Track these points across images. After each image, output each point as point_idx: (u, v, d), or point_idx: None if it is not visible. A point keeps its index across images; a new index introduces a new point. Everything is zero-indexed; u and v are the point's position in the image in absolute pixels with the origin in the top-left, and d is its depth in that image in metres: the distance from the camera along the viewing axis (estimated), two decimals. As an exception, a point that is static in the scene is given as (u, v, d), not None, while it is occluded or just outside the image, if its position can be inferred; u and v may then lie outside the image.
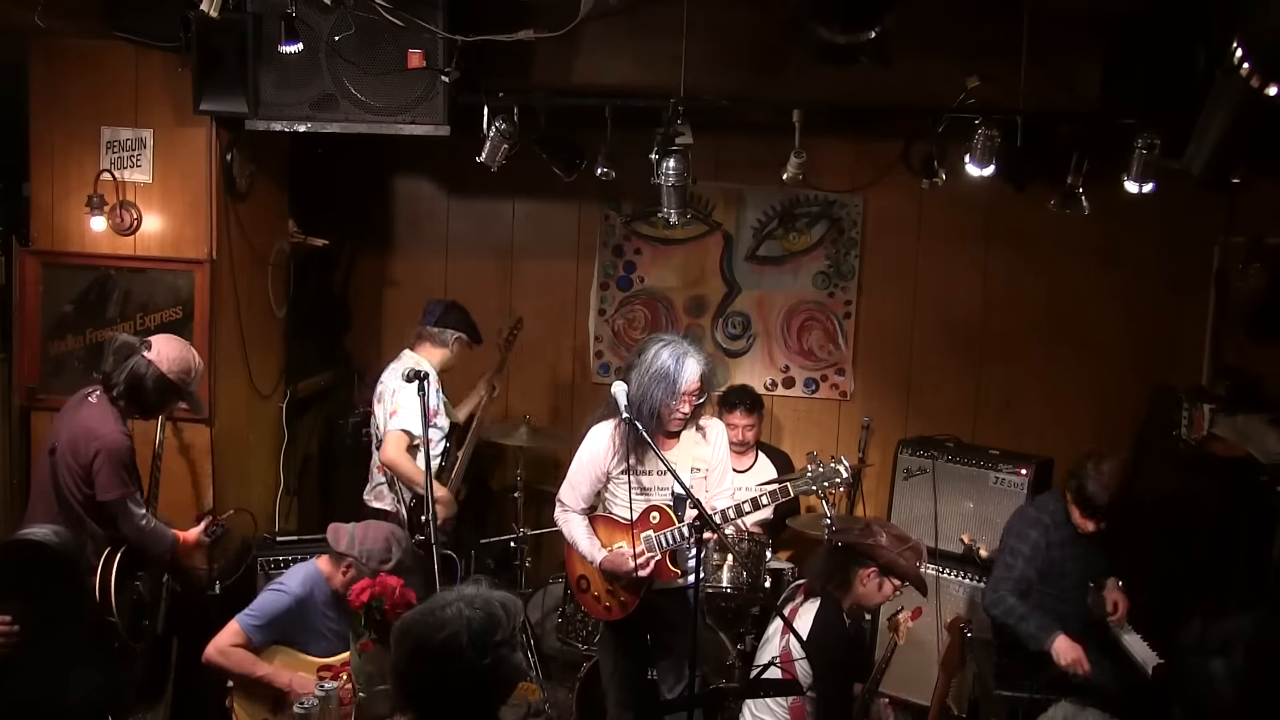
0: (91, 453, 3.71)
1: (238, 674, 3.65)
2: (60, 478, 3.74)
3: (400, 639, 2.30)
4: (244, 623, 3.67)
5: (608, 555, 3.80)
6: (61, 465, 3.74)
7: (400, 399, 4.45)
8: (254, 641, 3.67)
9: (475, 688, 2.27)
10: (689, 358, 3.65)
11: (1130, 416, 5.33)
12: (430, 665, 2.25)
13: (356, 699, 3.49)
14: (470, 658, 2.22)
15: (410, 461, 4.40)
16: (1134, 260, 5.34)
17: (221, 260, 4.43)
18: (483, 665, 2.23)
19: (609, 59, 4.57)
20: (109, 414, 3.79)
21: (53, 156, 4.37)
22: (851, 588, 3.72)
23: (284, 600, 3.71)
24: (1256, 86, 2.74)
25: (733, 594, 4.43)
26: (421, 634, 2.26)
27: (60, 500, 3.75)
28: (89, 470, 3.72)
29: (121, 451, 3.75)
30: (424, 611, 2.32)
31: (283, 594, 3.73)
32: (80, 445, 3.73)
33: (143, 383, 3.79)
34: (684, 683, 3.82)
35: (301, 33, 3.81)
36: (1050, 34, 4.24)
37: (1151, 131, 3.95)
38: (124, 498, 3.77)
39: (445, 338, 4.68)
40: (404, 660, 2.28)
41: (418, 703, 2.29)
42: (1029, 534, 4.13)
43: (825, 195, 5.53)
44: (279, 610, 3.70)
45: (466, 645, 2.22)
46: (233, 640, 3.64)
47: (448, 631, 2.23)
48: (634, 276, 5.74)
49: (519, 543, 5.04)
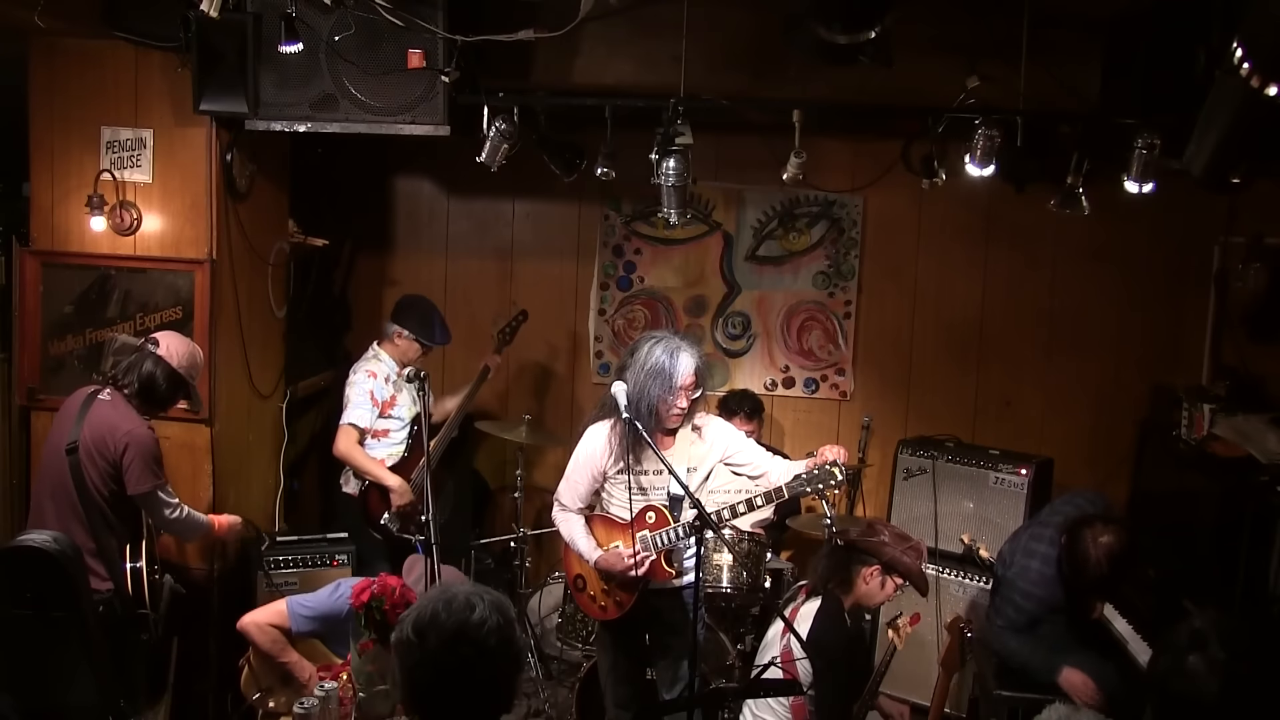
0: (120, 448, 3.73)
1: (265, 651, 3.67)
2: (86, 476, 3.73)
3: (425, 631, 2.11)
4: (294, 607, 3.70)
5: (603, 554, 3.80)
6: (87, 463, 3.73)
7: (351, 393, 4.70)
8: (294, 629, 3.70)
9: (514, 665, 2.16)
10: (682, 352, 3.65)
11: (1130, 416, 5.34)
12: (474, 645, 2.08)
13: (356, 699, 3.49)
14: (507, 634, 2.12)
15: (360, 453, 4.65)
16: (1134, 260, 5.35)
17: (221, 260, 4.42)
18: (519, 639, 2.16)
19: (609, 59, 4.56)
20: (129, 409, 3.82)
21: (53, 156, 4.36)
22: (854, 586, 3.72)
23: (342, 607, 3.68)
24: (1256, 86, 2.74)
25: (732, 594, 4.43)
26: (457, 619, 2.10)
27: (84, 498, 3.74)
28: (118, 466, 3.74)
29: (150, 444, 3.79)
30: (439, 603, 2.14)
31: (343, 601, 3.69)
32: (108, 441, 3.73)
33: (155, 379, 3.84)
34: (683, 683, 3.83)
35: (301, 33, 3.82)
36: (1050, 34, 4.23)
37: (1151, 131, 3.95)
38: (155, 489, 3.80)
39: (391, 333, 4.81)
40: (440, 650, 2.09)
41: (444, 696, 2.12)
42: (1034, 594, 3.97)
43: (825, 195, 5.53)
44: (333, 613, 3.70)
45: (502, 623, 2.12)
46: (273, 620, 3.68)
47: (478, 612, 2.11)
48: (634, 276, 5.74)
49: (519, 543, 5.05)
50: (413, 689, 2.14)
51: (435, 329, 4.83)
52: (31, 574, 3.33)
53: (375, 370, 4.74)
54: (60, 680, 3.35)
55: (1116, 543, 3.76)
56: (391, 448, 4.77)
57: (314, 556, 4.54)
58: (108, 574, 3.76)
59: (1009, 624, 4.03)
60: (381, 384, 4.72)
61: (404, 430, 4.78)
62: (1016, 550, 4.14)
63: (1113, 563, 3.75)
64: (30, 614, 3.31)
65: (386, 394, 4.74)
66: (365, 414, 4.65)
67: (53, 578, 3.36)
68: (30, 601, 3.32)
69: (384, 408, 4.74)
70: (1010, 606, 4.02)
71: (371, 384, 4.69)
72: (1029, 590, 3.98)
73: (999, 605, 4.09)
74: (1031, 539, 4.11)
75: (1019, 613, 3.99)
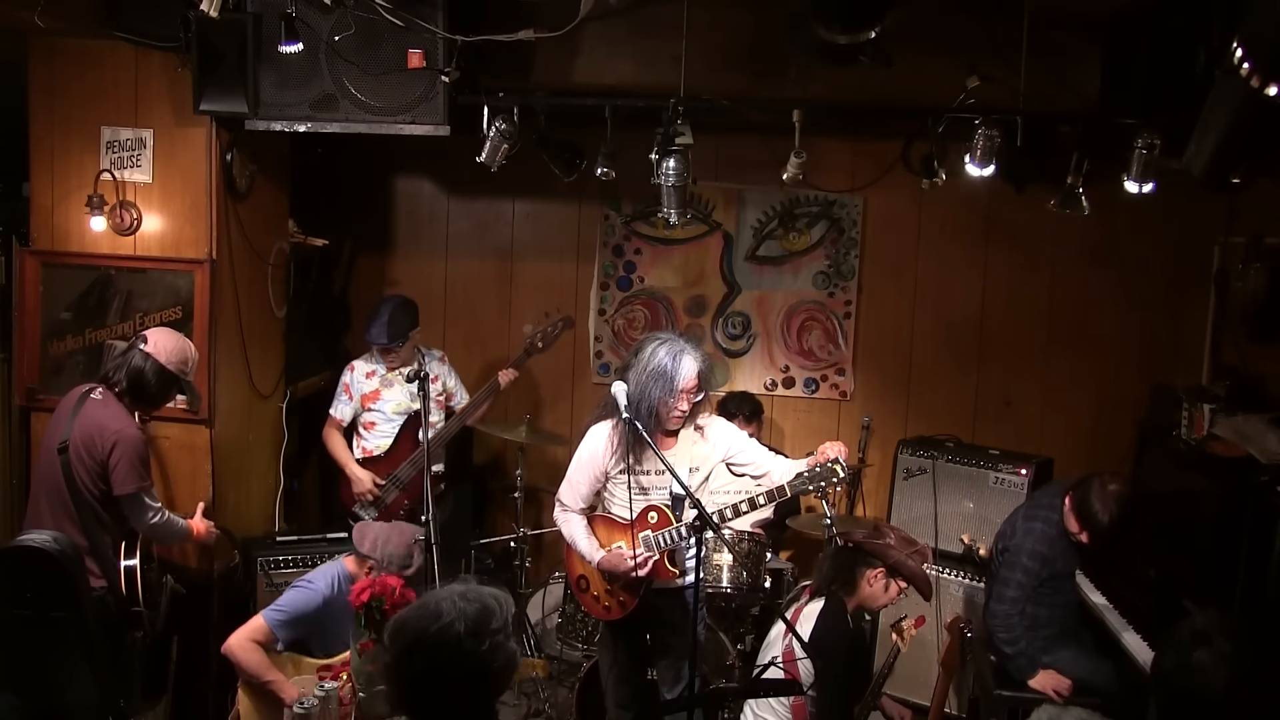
0: (108, 447, 3.72)
1: (249, 673, 3.64)
2: (76, 475, 3.74)
3: (395, 636, 2.28)
4: (270, 618, 3.66)
5: (605, 555, 3.80)
6: (76, 462, 3.74)
7: (337, 386, 4.98)
8: (278, 638, 3.66)
9: (473, 679, 2.25)
10: (686, 355, 3.65)
11: (1130, 416, 5.34)
12: (427, 657, 2.22)
13: (356, 699, 3.49)
14: (468, 646, 2.21)
15: (333, 441, 4.94)
16: (1134, 260, 5.35)
17: (221, 260, 4.43)
18: (480, 653, 2.21)
19: (609, 59, 4.57)
20: (120, 409, 3.82)
21: (53, 156, 4.36)
22: (858, 588, 3.72)
23: (312, 598, 3.70)
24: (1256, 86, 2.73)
25: (733, 594, 4.43)
26: (417, 627, 2.24)
27: (76, 498, 3.74)
28: (105, 465, 3.74)
29: (138, 444, 3.78)
30: (417, 607, 2.31)
31: (311, 592, 3.72)
32: (96, 441, 3.73)
33: (143, 375, 3.83)
34: (684, 683, 3.83)
35: (301, 33, 3.82)
36: (1050, 34, 4.23)
37: (1151, 131, 3.95)
38: (139, 491, 3.79)
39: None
40: (400, 656, 2.25)
41: (414, 702, 2.26)
42: (1040, 551, 4.08)
43: (825, 195, 5.53)
44: (307, 608, 3.69)
45: (463, 634, 2.21)
46: (255, 635, 3.62)
47: (443, 622, 2.22)
48: (634, 276, 5.74)
49: (519, 543, 5.05)
50: (392, 689, 2.30)
51: (371, 327, 4.87)
52: (31, 574, 3.33)
53: (356, 365, 4.94)
54: (60, 680, 3.35)
55: (1124, 489, 3.96)
56: (379, 440, 4.91)
57: (314, 556, 4.54)
58: (101, 572, 3.75)
59: (1018, 592, 4.05)
60: (360, 377, 4.92)
61: (390, 424, 4.90)
62: (1011, 533, 4.20)
63: (1122, 507, 3.92)
64: (30, 614, 3.31)
65: (367, 387, 4.92)
66: (341, 405, 4.93)
67: (52, 578, 3.36)
68: (30, 601, 3.32)
69: (365, 400, 4.90)
70: (1019, 571, 4.07)
71: (348, 376, 4.93)
72: (1035, 549, 4.07)
73: (1004, 579, 4.11)
74: (1026, 518, 4.20)
75: (1026, 574, 4.05)
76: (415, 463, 4.76)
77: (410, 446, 4.85)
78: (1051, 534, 4.09)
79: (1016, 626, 4.06)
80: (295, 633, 3.70)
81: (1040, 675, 4.06)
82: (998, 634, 4.09)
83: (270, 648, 3.66)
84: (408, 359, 4.89)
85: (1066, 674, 4.06)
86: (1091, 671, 4.11)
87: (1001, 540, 4.27)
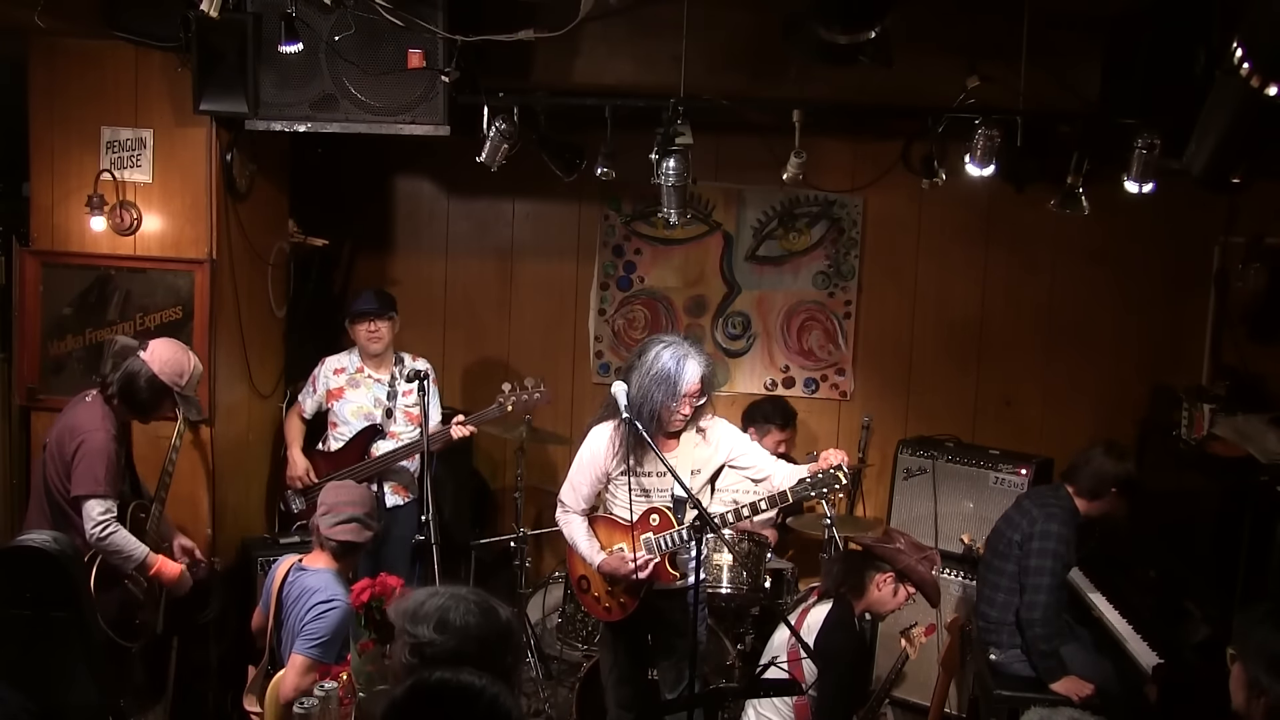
0: (74, 447, 3.70)
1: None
2: (48, 475, 3.75)
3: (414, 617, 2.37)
4: (312, 654, 3.40)
5: (607, 557, 3.79)
6: (49, 461, 3.75)
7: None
8: (333, 660, 3.44)
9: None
10: (690, 359, 3.64)
11: (1130, 416, 5.33)
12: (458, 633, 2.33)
13: (356, 699, 3.48)
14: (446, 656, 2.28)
15: (287, 422, 4.90)
16: (1134, 260, 5.34)
17: (221, 260, 4.43)
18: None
19: (609, 59, 4.57)
20: (98, 412, 3.78)
21: (53, 156, 4.36)
22: (866, 591, 3.72)
23: (344, 610, 3.47)
24: (1256, 86, 2.74)
25: (733, 594, 4.42)
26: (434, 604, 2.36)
27: (49, 498, 3.75)
28: (70, 466, 3.71)
29: (100, 449, 3.69)
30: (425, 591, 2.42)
31: (339, 606, 3.47)
32: (66, 440, 3.73)
33: (135, 382, 3.79)
34: (684, 683, 3.82)
35: (301, 33, 3.82)
36: (1050, 34, 4.24)
37: (1151, 131, 3.95)
38: (90, 496, 3.66)
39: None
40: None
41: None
42: (1066, 535, 4.10)
43: (825, 195, 5.53)
44: (344, 622, 3.46)
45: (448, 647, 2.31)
46: (305, 674, 3.38)
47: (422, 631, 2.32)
48: (634, 276, 5.74)
49: (519, 543, 5.04)
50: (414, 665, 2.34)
51: (356, 302, 4.78)
52: (31, 574, 3.33)
53: (328, 360, 4.86)
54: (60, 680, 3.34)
55: (1125, 451, 4.27)
56: (334, 442, 4.80)
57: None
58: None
59: (1053, 580, 4.06)
60: (329, 372, 4.82)
61: (347, 427, 4.76)
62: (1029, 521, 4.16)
63: (1129, 464, 4.21)
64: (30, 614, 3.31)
65: (333, 383, 4.80)
66: (306, 395, 4.85)
67: (52, 578, 3.35)
68: (30, 601, 3.32)
69: (329, 396, 4.81)
70: (1050, 558, 4.06)
71: (319, 369, 4.84)
72: (1062, 532, 4.09)
73: (1037, 569, 4.07)
74: (1041, 506, 4.19)
75: (1057, 560, 4.08)
76: (355, 474, 4.53)
77: (356, 456, 4.71)
78: (1070, 520, 4.12)
79: (1054, 620, 4.04)
80: (338, 650, 3.47)
81: (1065, 680, 4.02)
82: (1035, 629, 4.04)
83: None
84: (387, 342, 4.75)
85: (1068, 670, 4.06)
86: (1091, 670, 4.11)
87: (1015, 531, 4.18)
